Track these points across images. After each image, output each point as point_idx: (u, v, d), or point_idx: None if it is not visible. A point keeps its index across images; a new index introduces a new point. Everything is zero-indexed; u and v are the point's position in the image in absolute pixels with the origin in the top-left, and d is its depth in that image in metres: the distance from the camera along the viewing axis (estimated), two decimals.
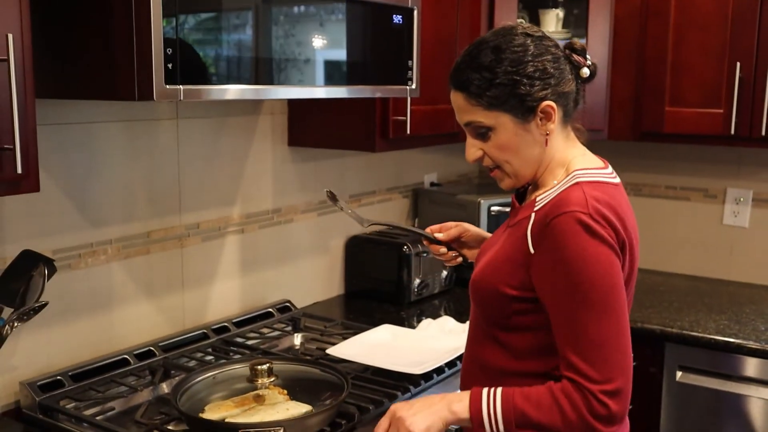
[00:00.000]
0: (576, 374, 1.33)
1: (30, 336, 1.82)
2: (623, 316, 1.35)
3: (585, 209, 1.33)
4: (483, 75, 1.39)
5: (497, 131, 1.42)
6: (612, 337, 1.33)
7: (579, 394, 1.32)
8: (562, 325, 1.35)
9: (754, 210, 2.97)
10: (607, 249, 1.33)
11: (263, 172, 2.39)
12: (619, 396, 1.33)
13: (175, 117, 2.09)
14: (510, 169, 1.46)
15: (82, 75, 1.54)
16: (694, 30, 2.65)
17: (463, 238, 1.78)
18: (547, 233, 1.35)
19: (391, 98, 2.24)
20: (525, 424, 1.35)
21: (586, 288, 1.32)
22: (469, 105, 1.42)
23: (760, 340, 2.37)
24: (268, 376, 1.67)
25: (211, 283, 2.26)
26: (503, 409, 1.36)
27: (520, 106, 1.39)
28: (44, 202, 1.81)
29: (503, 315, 1.44)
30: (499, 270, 1.44)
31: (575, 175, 1.42)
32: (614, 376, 1.32)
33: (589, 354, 1.32)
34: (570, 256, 1.32)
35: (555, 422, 1.34)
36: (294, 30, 1.73)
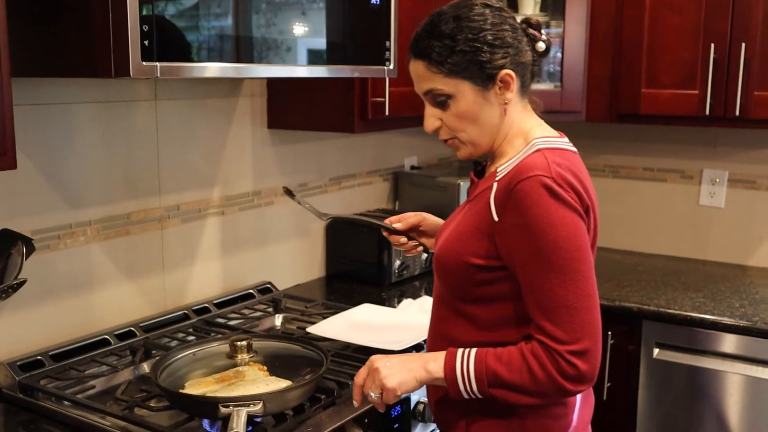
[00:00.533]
0: (544, 336, 1.35)
1: (9, 317, 1.82)
2: (590, 278, 1.37)
3: (548, 173, 1.35)
4: (444, 42, 1.42)
5: (457, 99, 1.44)
6: (578, 298, 1.34)
7: (547, 355, 1.35)
8: (530, 289, 1.37)
9: (730, 190, 3.01)
10: (571, 212, 1.35)
11: (243, 155, 2.40)
12: (586, 356, 1.34)
13: (153, 98, 2.09)
14: (467, 138, 1.48)
15: (59, 53, 1.54)
16: (669, 12, 2.68)
17: (422, 227, 1.81)
18: (511, 198, 1.36)
19: (370, 80, 2.25)
20: (497, 384, 1.38)
21: (552, 250, 1.34)
22: (430, 73, 1.44)
23: (734, 316, 2.41)
24: (248, 352, 1.69)
25: (191, 264, 2.27)
26: (476, 369, 1.39)
27: (480, 74, 1.42)
28: (22, 183, 1.81)
29: (469, 287, 1.46)
30: (463, 241, 1.46)
31: (535, 143, 1.44)
32: (581, 336, 1.34)
33: (556, 316, 1.34)
34: (535, 220, 1.34)
35: (525, 382, 1.37)
36: (274, 10, 1.74)
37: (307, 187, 2.66)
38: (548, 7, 2.91)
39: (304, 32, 1.82)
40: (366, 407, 1.67)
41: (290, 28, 1.78)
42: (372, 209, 2.95)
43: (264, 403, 1.47)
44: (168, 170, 2.16)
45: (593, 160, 3.28)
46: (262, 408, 1.47)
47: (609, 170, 3.25)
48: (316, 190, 2.70)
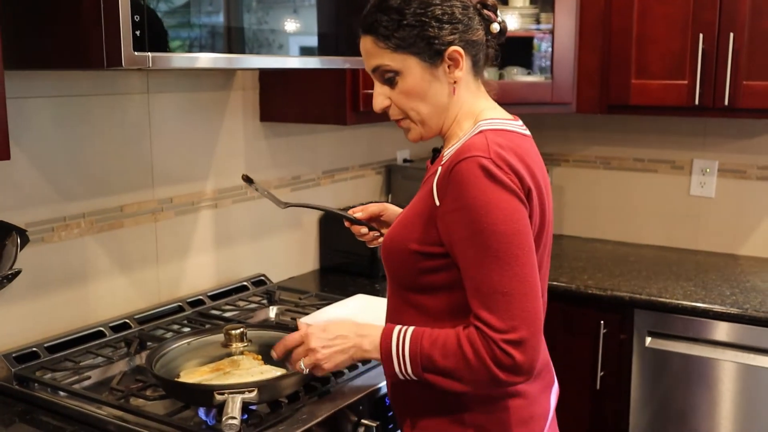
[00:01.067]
0: (480, 322, 1.31)
1: (4, 309, 1.83)
2: (529, 264, 1.32)
3: (486, 154, 1.31)
4: (391, 17, 1.38)
5: (404, 75, 1.41)
6: (516, 285, 1.30)
7: (483, 343, 1.30)
8: (467, 275, 1.33)
9: (720, 180, 3.03)
10: (509, 195, 1.31)
11: (235, 148, 2.41)
12: (523, 346, 1.29)
13: (146, 92, 2.10)
14: (417, 117, 1.44)
15: (51, 45, 1.55)
16: (657, 3, 2.69)
17: (384, 218, 1.78)
18: (450, 181, 1.33)
19: (361, 72, 2.26)
20: (431, 368, 1.35)
21: (488, 234, 1.29)
22: (377, 48, 1.41)
23: (725, 304, 2.43)
24: (242, 340, 1.70)
25: (185, 257, 2.28)
26: (411, 351, 1.36)
27: (428, 49, 1.39)
28: (16, 176, 1.82)
29: (415, 275, 1.43)
30: (408, 228, 1.43)
31: (479, 125, 1.41)
32: (517, 325, 1.29)
33: (492, 303, 1.30)
34: (471, 203, 1.30)
35: (459, 369, 1.33)
36: (266, 2, 1.75)
37: (300, 180, 2.67)
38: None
39: (296, 24, 1.83)
40: (360, 396, 1.69)
41: (282, 20, 1.79)
42: (365, 202, 2.95)
43: (259, 391, 1.48)
44: (161, 163, 2.17)
45: (584, 151, 3.30)
46: (257, 395, 1.48)
47: (600, 161, 3.27)
48: (309, 183, 2.71)
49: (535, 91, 2.85)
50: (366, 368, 1.81)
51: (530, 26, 2.90)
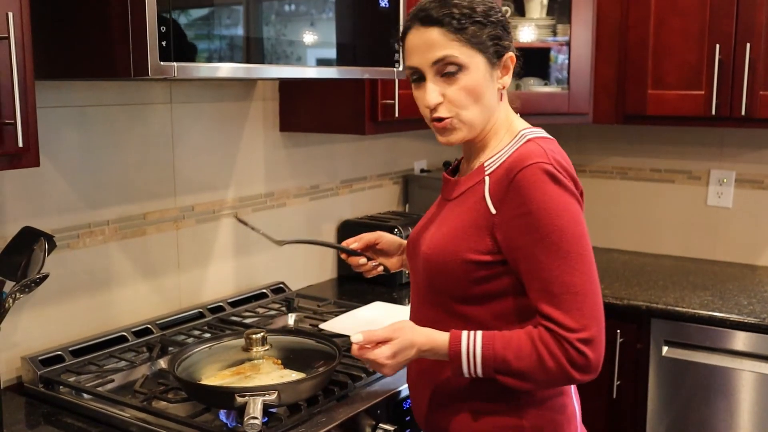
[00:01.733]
0: (552, 323, 1.33)
1: (31, 314, 1.87)
2: (593, 264, 1.36)
3: (547, 160, 1.36)
4: (463, 11, 1.39)
5: (469, 71, 1.40)
6: (584, 284, 1.33)
7: (556, 343, 1.33)
8: (535, 277, 1.35)
9: (737, 190, 3.04)
10: (571, 198, 1.36)
11: (256, 157, 2.45)
12: (594, 344, 1.33)
13: (169, 102, 2.14)
14: (468, 117, 1.43)
15: (79, 55, 1.59)
16: (674, 14, 2.72)
17: (380, 246, 1.75)
18: (512, 188, 1.35)
19: (380, 82, 2.29)
20: (505, 371, 1.36)
21: (558, 237, 1.33)
22: (446, 39, 1.39)
23: (742, 313, 2.43)
24: (263, 345, 1.73)
25: (206, 264, 2.32)
26: (483, 355, 1.37)
27: (493, 50, 1.42)
28: (43, 183, 1.87)
29: (467, 285, 1.43)
30: (459, 238, 1.43)
31: (524, 134, 1.44)
32: (589, 323, 1.33)
33: (564, 303, 1.33)
34: (539, 206, 1.33)
35: (534, 371, 1.35)
36: (285, 13, 1.79)
37: (319, 189, 2.70)
38: (554, 10, 2.95)
39: (315, 35, 1.87)
40: (378, 400, 1.72)
41: (301, 32, 1.83)
42: (383, 211, 2.99)
43: (279, 393, 1.51)
44: (183, 172, 2.21)
45: (601, 162, 3.32)
46: (277, 398, 1.50)
47: (617, 172, 3.28)
48: (327, 193, 2.75)
49: (552, 101, 2.87)
50: None
51: (547, 38, 2.92)
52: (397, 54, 2.09)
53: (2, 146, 1.38)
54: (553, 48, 2.95)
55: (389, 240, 1.76)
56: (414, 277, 1.58)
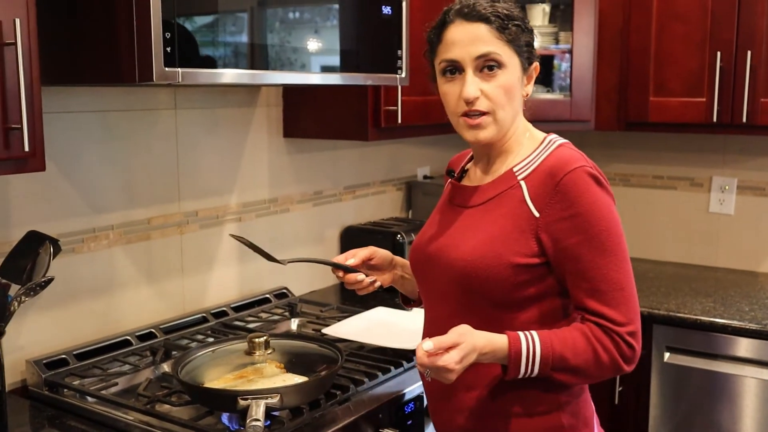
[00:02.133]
0: (602, 319, 1.38)
1: (36, 318, 1.89)
2: (629, 262, 1.43)
3: (588, 164, 1.43)
4: (504, 14, 1.45)
5: (508, 70, 1.45)
6: (628, 281, 1.41)
7: (608, 338, 1.38)
8: (583, 277, 1.40)
9: (739, 197, 3.05)
10: (611, 200, 1.44)
11: (259, 163, 2.46)
12: (638, 336, 1.41)
13: (173, 107, 2.16)
14: (501, 115, 1.46)
15: (85, 61, 1.61)
16: (675, 22, 2.73)
17: (373, 262, 1.72)
18: (559, 191, 1.40)
19: (383, 89, 2.31)
20: (561, 367, 1.39)
21: (605, 236, 1.39)
22: (491, 36, 1.44)
23: (743, 320, 2.44)
24: (265, 348, 1.74)
25: (209, 269, 2.33)
26: (542, 354, 1.38)
27: (527, 55, 1.49)
28: (48, 188, 1.89)
29: (509, 289, 1.44)
30: (503, 243, 1.43)
31: (552, 140, 1.50)
32: (634, 318, 1.41)
33: (612, 299, 1.38)
34: (587, 208, 1.39)
35: (589, 366, 1.39)
36: (289, 20, 1.81)
37: (322, 195, 2.72)
38: (557, 18, 2.97)
39: (318, 42, 1.89)
40: (380, 404, 1.73)
41: (305, 39, 1.85)
42: (386, 218, 3.00)
43: (281, 397, 1.52)
44: (187, 177, 2.23)
45: (604, 168, 3.26)
46: (279, 401, 1.51)
47: (619, 179, 3.29)
48: (330, 198, 2.76)
49: (554, 108, 2.88)
50: (387, 377, 1.85)
51: (549, 45, 2.94)
52: (399, 60, 2.11)
53: (9, 150, 1.40)
54: (556, 56, 2.96)
55: (382, 255, 1.74)
56: (434, 289, 1.56)
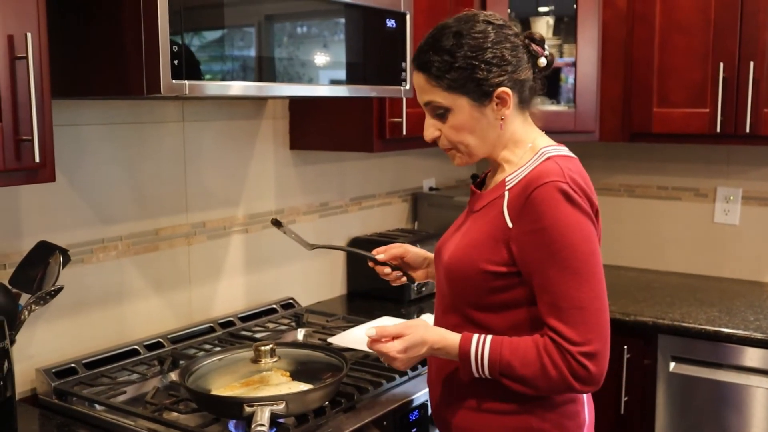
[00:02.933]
0: (558, 336, 1.40)
1: (45, 327, 1.91)
2: (601, 281, 1.43)
3: (563, 179, 1.42)
4: (443, 58, 1.48)
5: (454, 113, 1.51)
6: (591, 300, 1.40)
7: (560, 355, 1.40)
8: (545, 291, 1.42)
9: (744, 207, 3.06)
10: (584, 217, 1.42)
11: (266, 175, 2.49)
12: (596, 358, 1.40)
13: (181, 120, 2.20)
14: (464, 149, 1.54)
15: (94, 74, 1.64)
16: (678, 33, 2.75)
17: (406, 259, 1.83)
18: (528, 204, 1.42)
19: (388, 101, 2.34)
20: (509, 375, 1.44)
21: (568, 253, 1.39)
22: (429, 86, 1.51)
23: (748, 329, 2.44)
24: (271, 357, 1.76)
25: (217, 280, 2.36)
26: (490, 358, 1.44)
27: (477, 90, 1.48)
28: (58, 199, 1.92)
29: (483, 294, 1.50)
30: (477, 249, 1.50)
31: (544, 152, 1.51)
32: (593, 338, 1.40)
33: (569, 317, 1.39)
34: (552, 223, 1.40)
35: (536, 378, 1.42)
36: (296, 34, 1.84)
37: (328, 207, 2.74)
38: (561, 30, 3.00)
39: (325, 55, 1.92)
40: (385, 411, 1.75)
41: (311, 53, 1.88)
42: (391, 228, 3.02)
43: (287, 404, 1.54)
44: (194, 189, 2.26)
45: (608, 179, 3.34)
46: (284, 408, 1.53)
47: (624, 189, 3.31)
48: (336, 210, 2.79)
49: (558, 119, 2.91)
50: (391, 385, 1.87)
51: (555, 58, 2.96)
52: (404, 73, 2.14)
53: (20, 161, 1.43)
54: (562, 68, 2.98)
55: (415, 254, 1.83)
56: (438, 285, 1.65)
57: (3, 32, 1.38)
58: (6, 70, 1.39)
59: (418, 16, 2.25)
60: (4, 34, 1.38)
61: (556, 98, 3.02)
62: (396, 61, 2.12)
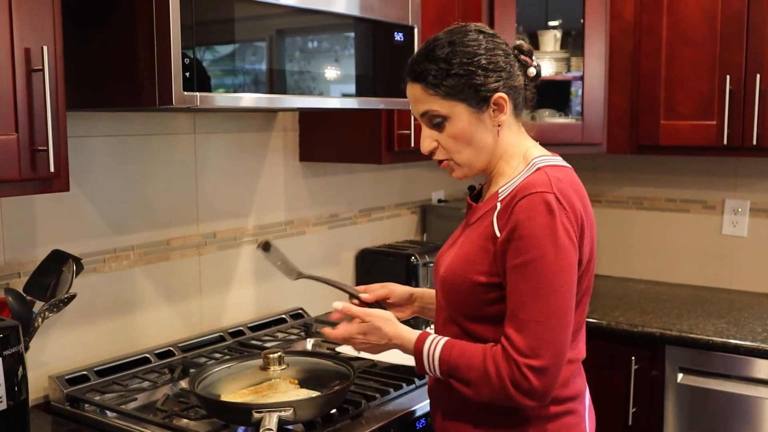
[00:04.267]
0: (508, 344, 1.41)
1: (58, 335, 1.95)
2: (568, 300, 1.42)
3: (550, 189, 1.42)
4: (440, 66, 1.48)
5: (452, 120, 1.51)
6: (550, 316, 1.39)
7: (505, 363, 1.41)
8: (511, 300, 1.43)
9: (752, 219, 3.06)
10: (562, 231, 1.41)
11: (276, 186, 2.52)
12: (543, 373, 1.39)
13: (192, 132, 2.23)
14: (462, 159, 1.54)
15: (107, 86, 1.68)
16: (685, 46, 2.78)
17: (390, 300, 1.81)
18: (512, 213, 1.43)
19: (396, 113, 2.37)
20: (455, 376, 1.47)
21: (536, 266, 1.39)
22: (426, 95, 1.51)
23: (756, 340, 2.45)
24: (280, 364, 1.78)
25: (227, 289, 2.38)
26: (440, 357, 1.49)
27: (475, 96, 1.49)
28: (71, 209, 1.95)
29: (478, 306, 1.50)
30: (469, 261, 1.51)
31: (535, 163, 1.52)
32: (542, 354, 1.39)
33: (525, 328, 1.40)
34: (528, 234, 1.40)
35: (479, 382, 1.44)
36: (306, 49, 1.87)
37: (338, 218, 2.77)
38: (568, 44, 3.03)
39: (335, 68, 1.95)
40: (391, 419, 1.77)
41: (321, 66, 1.91)
42: (400, 240, 3.04)
43: (295, 410, 1.56)
44: (205, 200, 2.29)
45: (617, 192, 3.36)
46: (292, 414, 1.56)
47: (632, 202, 3.32)
48: (346, 222, 2.81)
49: (566, 131, 2.93)
50: (399, 393, 1.88)
51: (562, 71, 2.99)
52: None
53: (35, 171, 1.46)
54: (566, 81, 3.01)
55: (399, 295, 1.82)
56: (437, 297, 1.66)
57: (20, 45, 1.42)
58: (23, 82, 1.43)
59: (426, 28, 2.28)
60: (21, 47, 1.42)
61: (563, 111, 3.05)
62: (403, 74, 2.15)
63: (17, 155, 1.43)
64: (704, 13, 2.73)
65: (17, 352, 1.48)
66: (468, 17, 2.61)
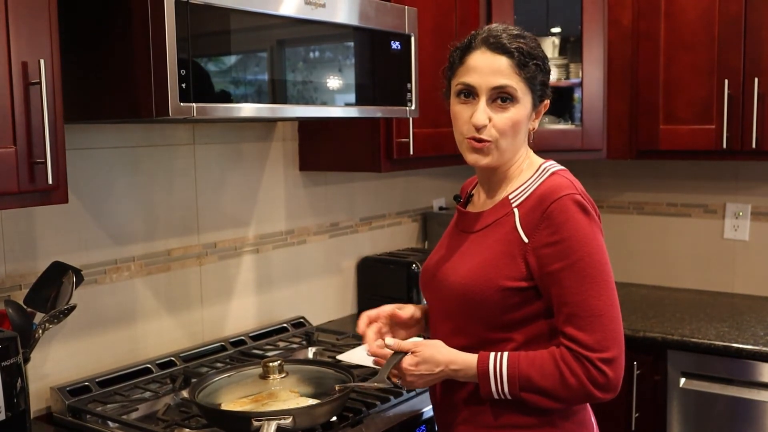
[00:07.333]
0: (574, 344, 1.43)
1: (60, 346, 1.96)
2: (615, 290, 1.47)
3: (576, 191, 1.47)
4: (526, 50, 1.50)
5: (520, 105, 1.51)
6: (608, 308, 1.44)
7: (577, 363, 1.42)
8: (563, 301, 1.44)
9: (754, 223, 3.06)
10: (597, 228, 1.48)
11: (276, 196, 2.53)
12: (614, 364, 1.43)
13: (192, 142, 2.25)
14: (504, 145, 1.52)
15: (106, 98, 1.69)
16: (683, 51, 2.78)
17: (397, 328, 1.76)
18: (545, 218, 1.45)
19: (395, 121, 2.38)
20: (529, 388, 1.45)
21: (586, 263, 1.43)
22: (511, 71, 1.49)
23: (758, 343, 2.44)
24: (280, 372, 1.79)
25: (228, 299, 2.39)
26: (509, 373, 1.46)
27: (540, 93, 1.54)
28: (72, 221, 1.96)
29: (501, 312, 1.50)
30: (493, 267, 1.50)
31: (546, 168, 1.55)
32: (610, 345, 1.43)
33: (588, 325, 1.42)
34: (571, 235, 1.44)
35: (556, 388, 1.44)
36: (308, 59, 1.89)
37: (338, 227, 2.78)
38: (567, 50, 3.03)
39: (335, 78, 1.96)
40: (391, 426, 1.77)
41: (322, 76, 1.93)
42: (402, 248, 3.05)
43: (294, 418, 1.57)
44: (206, 210, 2.30)
45: (617, 197, 3.36)
46: (292, 422, 1.56)
47: (633, 207, 3.32)
48: (346, 230, 2.82)
49: (565, 137, 2.94)
50: (399, 401, 1.89)
51: (560, 77, 3.00)
52: (409, 93, 2.17)
53: (33, 183, 1.47)
54: (565, 87, 3.02)
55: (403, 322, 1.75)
56: (437, 308, 1.64)
57: (17, 59, 1.43)
58: (20, 95, 1.44)
59: (423, 37, 2.30)
60: (18, 60, 1.43)
61: (563, 117, 3.06)
62: (401, 82, 2.16)
63: (15, 168, 1.44)
64: (702, 18, 2.74)
65: (16, 362, 1.49)
66: (465, 26, 2.62)
